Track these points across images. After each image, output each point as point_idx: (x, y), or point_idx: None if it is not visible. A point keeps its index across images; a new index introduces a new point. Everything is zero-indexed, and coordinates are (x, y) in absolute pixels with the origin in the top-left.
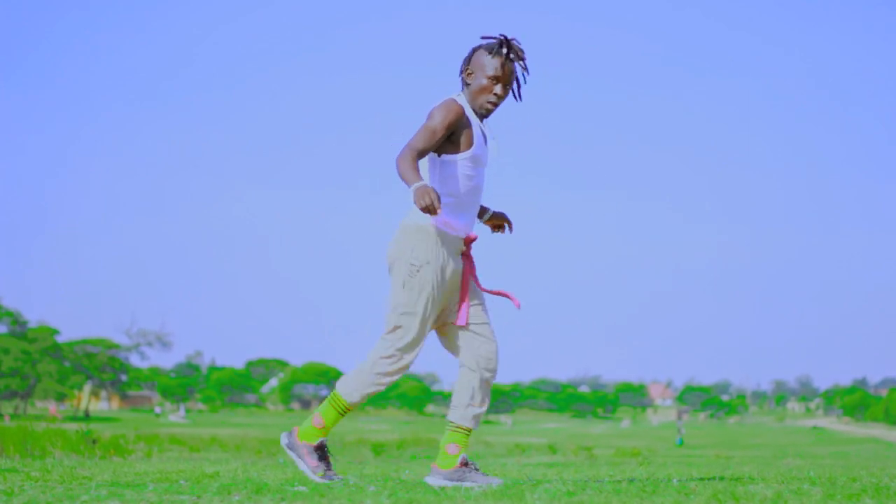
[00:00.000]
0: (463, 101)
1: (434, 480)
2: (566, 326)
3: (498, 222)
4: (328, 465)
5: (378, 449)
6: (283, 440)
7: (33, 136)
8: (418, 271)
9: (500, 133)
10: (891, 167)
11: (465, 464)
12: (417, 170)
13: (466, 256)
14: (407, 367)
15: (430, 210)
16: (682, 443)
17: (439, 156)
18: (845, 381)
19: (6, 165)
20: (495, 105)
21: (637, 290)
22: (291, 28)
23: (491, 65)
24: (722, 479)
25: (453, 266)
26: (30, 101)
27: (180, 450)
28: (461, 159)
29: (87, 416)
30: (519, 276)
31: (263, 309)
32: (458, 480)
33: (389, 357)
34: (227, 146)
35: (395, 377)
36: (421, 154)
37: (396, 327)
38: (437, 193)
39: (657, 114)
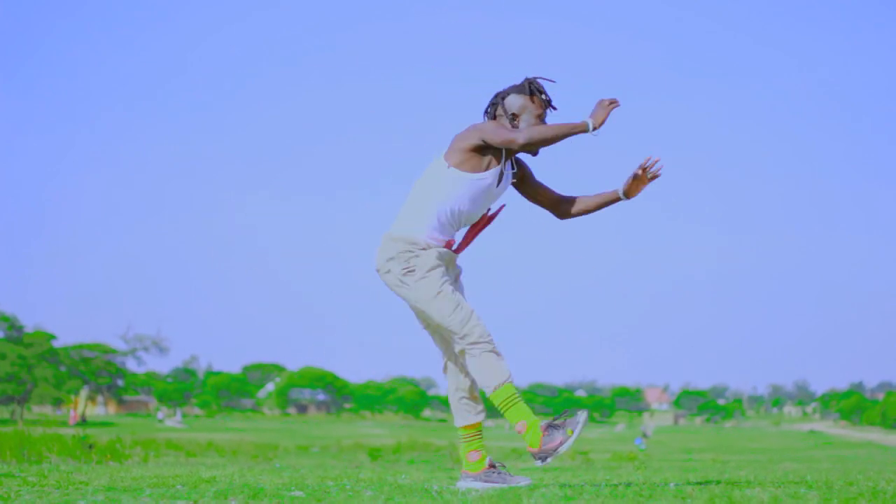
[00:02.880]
0: None
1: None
2: (562, 330)
3: (642, 184)
4: (557, 427)
5: (375, 453)
6: (536, 462)
7: (31, 140)
8: (413, 268)
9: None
10: (889, 171)
11: (492, 465)
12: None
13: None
14: (491, 337)
15: (614, 105)
16: (642, 444)
17: (448, 167)
18: (842, 385)
19: (3, 170)
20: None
21: (634, 294)
22: (290, 33)
23: (536, 105)
24: (718, 483)
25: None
26: (27, 106)
27: (177, 455)
28: (469, 179)
29: (83, 421)
30: (516, 280)
31: (260, 313)
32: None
33: (476, 337)
34: (223, 152)
35: (495, 347)
36: (547, 144)
37: (445, 318)
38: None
39: (656, 115)
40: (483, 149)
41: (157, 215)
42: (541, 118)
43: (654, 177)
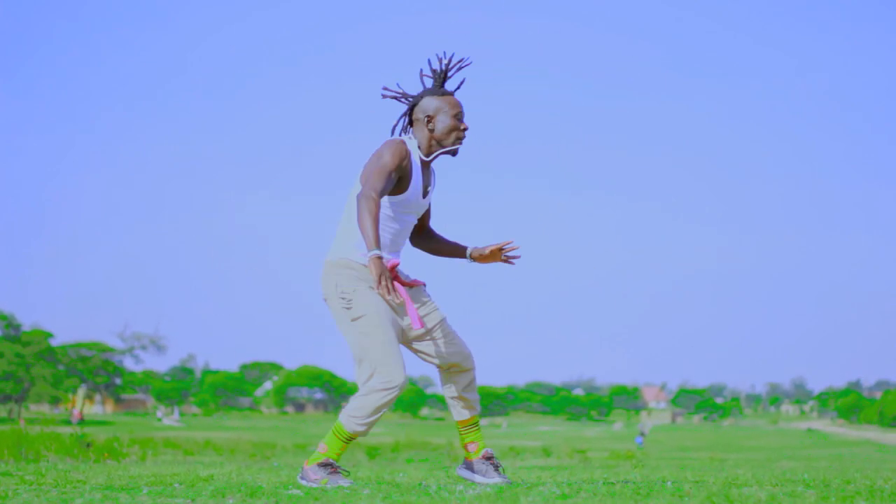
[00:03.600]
0: (412, 144)
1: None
2: (560, 329)
3: (492, 259)
4: (334, 473)
5: (372, 452)
6: (299, 480)
7: (31, 140)
8: (350, 299)
9: (505, 142)
10: (888, 170)
11: (487, 457)
12: (377, 223)
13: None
14: (399, 387)
15: (379, 282)
16: (641, 444)
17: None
18: (839, 383)
19: (3, 170)
20: (463, 138)
21: (632, 292)
22: (291, 33)
23: (450, 103)
24: (716, 481)
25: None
26: (27, 106)
27: (174, 453)
28: (390, 200)
29: (81, 420)
30: (514, 279)
31: (257, 312)
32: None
33: (378, 384)
34: (223, 152)
35: (391, 399)
36: (381, 195)
37: (363, 357)
38: (389, 274)
39: (654, 117)
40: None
41: (157, 215)
42: (457, 117)
43: (506, 261)
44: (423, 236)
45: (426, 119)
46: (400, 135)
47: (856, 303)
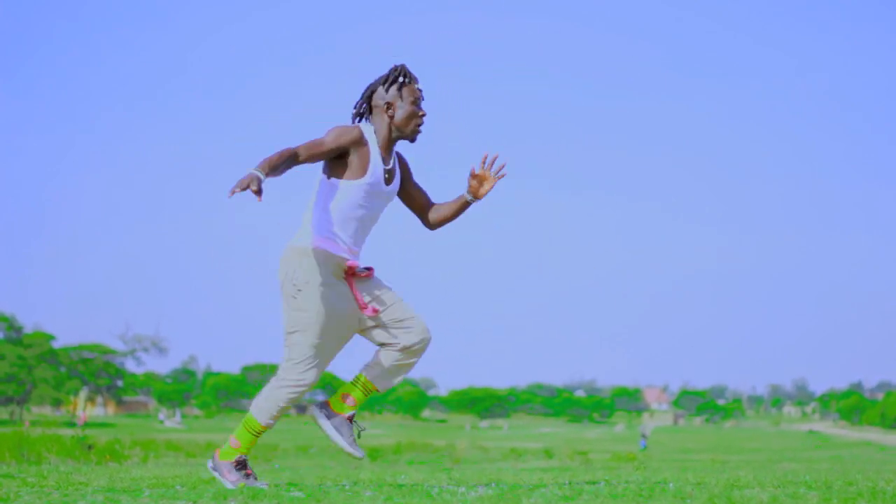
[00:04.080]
0: (369, 130)
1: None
2: (562, 331)
3: (487, 184)
4: (248, 476)
5: (374, 454)
6: (208, 463)
7: (31, 140)
8: (300, 291)
9: (505, 142)
10: (889, 171)
11: (351, 419)
12: (276, 165)
13: (350, 276)
14: (308, 386)
15: (244, 189)
16: (644, 447)
17: (328, 178)
18: (841, 384)
19: (3, 170)
20: (421, 124)
21: (633, 294)
22: (291, 33)
23: (409, 90)
24: (718, 483)
25: (337, 285)
26: (27, 106)
27: (176, 455)
28: (350, 185)
29: (86, 423)
30: (515, 280)
31: (259, 313)
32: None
33: (290, 379)
34: (223, 152)
35: (297, 396)
36: (296, 158)
37: (289, 347)
38: (259, 184)
39: (654, 117)
40: (338, 155)
41: (157, 215)
42: (416, 104)
43: (501, 176)
44: (431, 217)
45: (385, 106)
46: (357, 121)
47: (857, 304)
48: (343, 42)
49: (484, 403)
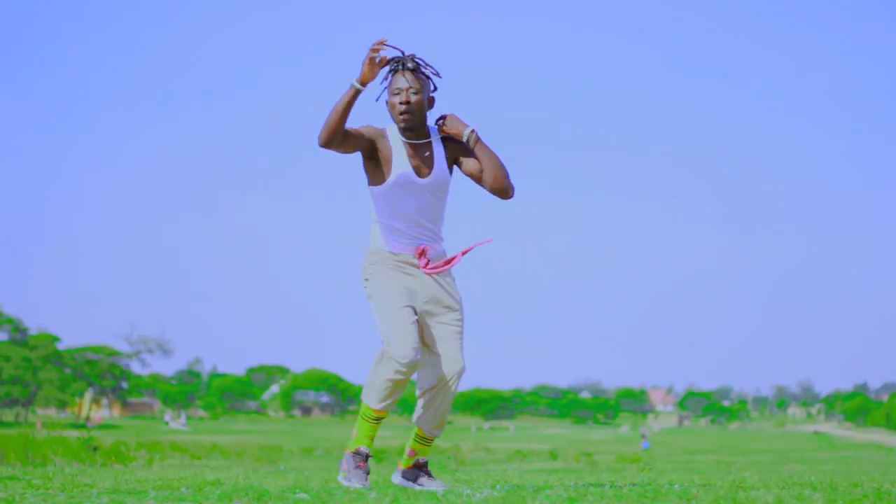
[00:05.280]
0: (392, 129)
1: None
2: (567, 332)
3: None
4: (358, 468)
5: (380, 455)
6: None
7: (31, 140)
8: (367, 280)
9: (505, 142)
10: (888, 170)
11: (418, 465)
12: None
13: (423, 260)
14: (402, 363)
15: (375, 51)
16: (647, 448)
17: (368, 187)
18: (846, 386)
19: (5, 172)
20: (407, 114)
21: (638, 295)
22: (291, 33)
23: (391, 82)
24: (723, 484)
25: (406, 278)
26: (27, 106)
27: (181, 457)
28: (380, 191)
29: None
30: (520, 281)
31: (264, 315)
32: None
33: (385, 359)
34: (226, 152)
35: (395, 375)
36: (337, 128)
37: (379, 333)
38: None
39: (655, 117)
40: (368, 158)
41: (160, 216)
42: (395, 94)
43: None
44: (483, 177)
45: (386, 101)
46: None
47: (862, 304)
48: (343, 42)
49: (489, 405)
